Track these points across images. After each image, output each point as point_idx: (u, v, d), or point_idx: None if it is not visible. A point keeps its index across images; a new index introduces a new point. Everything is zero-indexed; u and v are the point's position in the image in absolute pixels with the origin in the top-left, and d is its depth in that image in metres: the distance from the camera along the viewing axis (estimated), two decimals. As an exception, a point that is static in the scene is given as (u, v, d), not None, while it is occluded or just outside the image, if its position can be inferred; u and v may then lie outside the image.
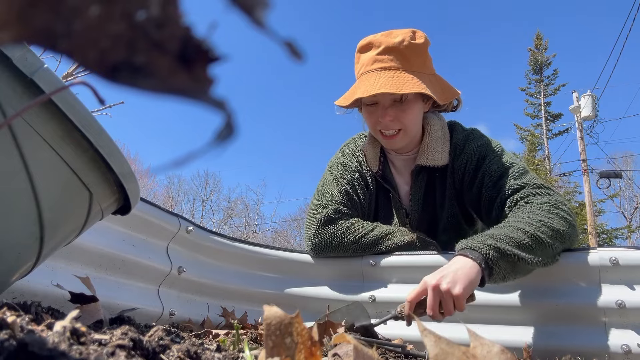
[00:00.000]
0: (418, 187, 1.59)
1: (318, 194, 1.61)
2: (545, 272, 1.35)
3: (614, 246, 1.33)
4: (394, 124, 1.48)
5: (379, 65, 1.44)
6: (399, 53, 1.43)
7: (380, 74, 1.42)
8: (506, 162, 1.45)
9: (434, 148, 1.54)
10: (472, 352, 0.37)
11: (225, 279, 1.50)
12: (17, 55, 0.50)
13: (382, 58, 1.44)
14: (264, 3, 0.18)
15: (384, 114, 1.47)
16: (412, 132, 1.53)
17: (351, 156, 1.69)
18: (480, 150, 1.50)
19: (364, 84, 1.43)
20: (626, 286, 1.25)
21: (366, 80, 1.43)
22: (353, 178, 1.63)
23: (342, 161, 1.68)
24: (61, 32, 0.18)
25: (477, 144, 1.52)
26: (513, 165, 1.43)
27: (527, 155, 16.90)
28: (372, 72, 1.44)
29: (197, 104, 0.19)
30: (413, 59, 1.44)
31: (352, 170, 1.64)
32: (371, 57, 1.46)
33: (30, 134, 0.52)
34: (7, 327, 0.37)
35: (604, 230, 15.26)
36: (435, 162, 1.54)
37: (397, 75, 1.41)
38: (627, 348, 1.19)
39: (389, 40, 1.44)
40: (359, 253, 1.51)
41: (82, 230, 0.66)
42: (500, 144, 1.53)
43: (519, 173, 1.41)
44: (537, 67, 17.61)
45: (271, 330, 0.39)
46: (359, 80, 1.49)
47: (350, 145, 1.74)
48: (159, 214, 1.29)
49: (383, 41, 1.44)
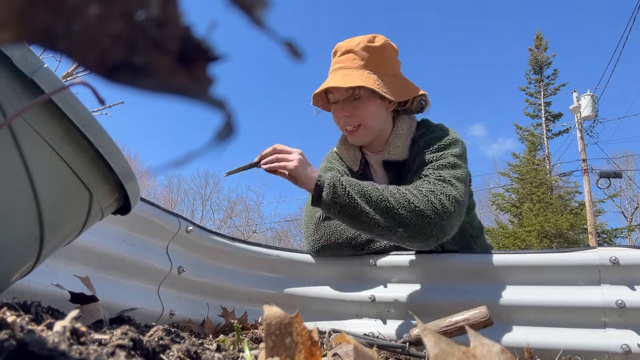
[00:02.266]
0: (390, 182, 1.62)
1: None
2: (545, 272, 1.35)
3: (614, 246, 1.33)
4: (352, 119, 1.56)
5: (337, 65, 1.56)
6: (355, 54, 1.54)
7: (337, 73, 1.53)
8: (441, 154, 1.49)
9: (396, 144, 1.61)
10: (472, 352, 0.37)
11: (225, 279, 1.50)
12: (17, 55, 0.50)
13: (341, 59, 1.56)
14: (264, 2, 0.18)
15: (339, 109, 1.57)
16: (373, 127, 1.59)
17: (335, 161, 1.76)
18: (427, 141, 1.55)
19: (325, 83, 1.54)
20: (626, 286, 1.25)
21: (328, 79, 1.55)
22: None
23: (330, 166, 1.74)
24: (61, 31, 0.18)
25: (430, 137, 1.56)
26: (442, 158, 1.48)
27: (527, 155, 16.88)
28: (332, 72, 1.56)
29: (196, 103, 0.19)
30: (369, 59, 1.53)
31: (341, 172, 1.69)
32: (334, 60, 1.59)
33: (30, 134, 0.52)
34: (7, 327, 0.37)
35: (604, 230, 15.25)
36: (396, 156, 1.60)
37: (348, 73, 1.51)
38: (627, 348, 1.19)
39: (349, 43, 1.57)
40: (357, 250, 1.52)
41: (82, 230, 0.66)
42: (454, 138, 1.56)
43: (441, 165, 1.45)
44: (537, 67, 17.59)
45: (271, 330, 0.39)
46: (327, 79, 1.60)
47: (331, 154, 1.82)
48: (159, 214, 1.29)
49: (343, 45, 1.57)
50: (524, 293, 1.34)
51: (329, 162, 1.78)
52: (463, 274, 1.43)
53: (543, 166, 16.76)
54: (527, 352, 1.09)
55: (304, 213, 1.63)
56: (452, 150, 1.51)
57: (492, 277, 1.40)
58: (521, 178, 16.32)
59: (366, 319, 1.49)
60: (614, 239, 15.18)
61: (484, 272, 1.41)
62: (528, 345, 1.21)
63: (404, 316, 1.44)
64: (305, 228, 1.59)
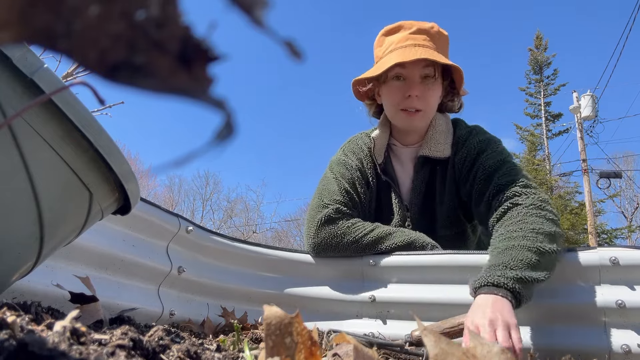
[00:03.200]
0: (420, 179, 1.61)
1: (318, 192, 1.61)
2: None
3: (614, 246, 1.33)
4: (419, 102, 1.49)
5: (412, 42, 1.46)
6: (432, 36, 1.48)
7: (415, 48, 1.44)
8: (501, 159, 1.48)
9: (438, 140, 1.57)
10: (472, 352, 0.37)
11: (225, 279, 1.50)
12: (17, 55, 0.50)
13: (415, 37, 1.47)
14: (264, 2, 0.18)
15: (412, 87, 1.48)
16: (430, 116, 1.55)
17: (352, 154, 1.69)
18: (480, 145, 1.53)
19: (397, 55, 1.44)
20: (626, 286, 1.25)
21: (400, 53, 1.44)
22: (354, 177, 1.62)
23: (343, 160, 1.68)
24: (61, 31, 0.18)
25: (479, 139, 1.54)
26: (506, 163, 1.46)
27: (527, 155, 16.88)
28: (406, 47, 1.46)
29: (196, 103, 0.19)
30: (441, 46, 1.49)
31: (353, 168, 1.64)
32: (404, 36, 1.48)
33: (30, 134, 0.52)
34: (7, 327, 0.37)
35: (604, 230, 15.25)
36: (438, 153, 1.56)
37: (432, 52, 1.44)
38: (627, 348, 1.19)
39: (421, 24, 1.49)
40: (359, 253, 1.51)
41: (82, 230, 0.66)
42: (500, 142, 1.56)
43: (510, 170, 1.44)
44: (537, 67, 17.59)
45: (271, 330, 0.39)
46: (389, 56, 1.50)
47: (351, 144, 1.74)
48: (159, 214, 1.29)
49: (415, 24, 1.49)
50: (524, 293, 1.34)
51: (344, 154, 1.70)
52: (463, 274, 1.43)
53: (543, 166, 16.77)
54: (532, 357, 1.09)
55: (307, 214, 1.62)
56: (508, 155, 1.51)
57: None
58: (521, 178, 16.27)
59: (366, 319, 1.49)
60: (614, 239, 15.18)
61: (484, 272, 1.41)
62: (531, 351, 1.20)
63: (404, 316, 1.44)
64: (306, 230, 1.58)
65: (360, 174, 1.64)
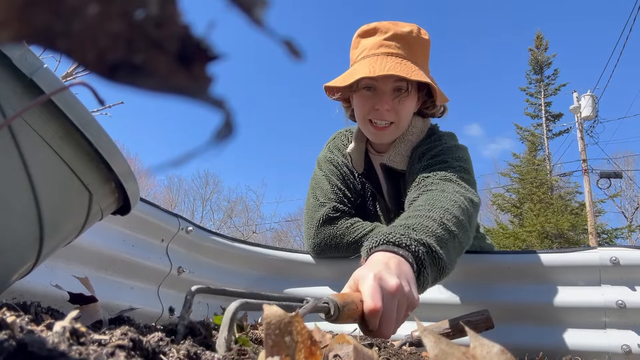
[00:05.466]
0: (390, 187, 1.56)
1: (312, 191, 1.61)
2: (545, 273, 1.35)
3: (615, 246, 1.33)
4: (390, 114, 1.40)
5: (385, 50, 1.36)
6: (407, 43, 1.37)
7: (387, 59, 1.34)
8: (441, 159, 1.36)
9: (399, 151, 1.49)
10: (471, 353, 0.37)
11: (225, 279, 1.50)
12: (17, 56, 0.50)
13: (389, 44, 1.37)
14: (263, 2, 0.18)
15: (382, 101, 1.38)
16: (402, 128, 1.46)
17: (337, 151, 1.66)
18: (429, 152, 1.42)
19: (367, 66, 1.35)
20: (626, 286, 1.25)
21: (371, 63, 1.35)
22: (342, 173, 1.61)
23: (329, 157, 1.65)
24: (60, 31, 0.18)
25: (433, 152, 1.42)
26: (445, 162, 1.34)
27: (528, 155, 16.89)
28: (378, 55, 1.36)
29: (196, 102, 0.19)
30: (418, 53, 1.39)
31: (340, 165, 1.62)
32: (377, 42, 1.38)
33: (30, 134, 0.52)
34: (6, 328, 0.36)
35: (604, 230, 15.25)
36: (395, 164, 1.50)
37: (405, 63, 1.34)
38: (627, 348, 1.19)
39: (397, 28, 1.38)
40: (359, 253, 1.51)
41: (81, 230, 0.66)
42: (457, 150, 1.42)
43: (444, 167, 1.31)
44: (537, 67, 17.60)
45: (271, 329, 0.39)
46: (360, 63, 1.40)
47: (335, 141, 1.70)
48: (158, 214, 1.29)
49: (391, 28, 1.38)
50: (524, 294, 1.34)
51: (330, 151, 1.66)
52: (463, 274, 1.43)
53: (543, 166, 16.77)
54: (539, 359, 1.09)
55: (304, 215, 1.62)
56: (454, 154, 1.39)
57: (492, 278, 1.40)
58: (522, 178, 16.32)
59: (366, 319, 1.49)
60: (615, 239, 15.18)
61: (484, 272, 1.41)
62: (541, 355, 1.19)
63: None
64: (306, 230, 1.58)
65: (348, 170, 1.63)
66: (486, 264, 1.41)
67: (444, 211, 1.08)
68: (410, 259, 0.89)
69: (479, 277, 1.41)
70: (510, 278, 1.39)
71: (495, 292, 1.37)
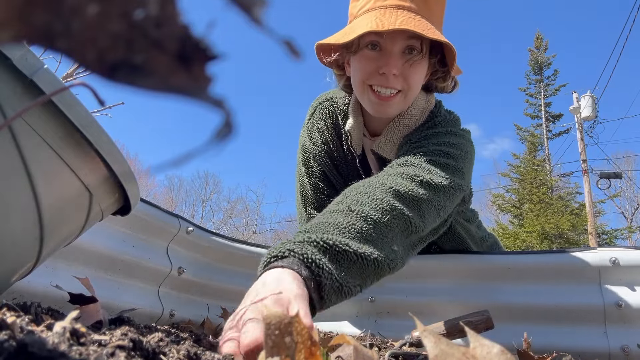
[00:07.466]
0: None
1: (297, 188, 1.54)
2: (545, 273, 1.35)
3: (614, 246, 1.33)
4: (397, 81, 1.15)
5: (395, 1, 1.11)
6: None
7: (398, 12, 1.09)
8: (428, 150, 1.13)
9: (390, 137, 1.27)
10: (471, 353, 0.37)
11: (225, 279, 1.50)
12: (17, 56, 0.50)
13: None
14: (262, 1, 0.18)
15: (389, 63, 1.13)
16: (410, 99, 1.21)
17: (318, 133, 1.43)
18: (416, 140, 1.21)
19: (372, 19, 1.09)
20: (626, 286, 1.25)
21: (377, 16, 1.09)
22: (323, 163, 1.44)
23: (309, 147, 1.45)
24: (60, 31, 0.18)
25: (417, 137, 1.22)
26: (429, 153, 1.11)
27: (528, 156, 16.89)
28: (386, 8, 1.11)
29: (195, 102, 0.19)
30: (434, 9, 1.15)
31: (322, 154, 1.43)
32: None
33: (30, 135, 0.52)
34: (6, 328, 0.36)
35: (604, 231, 15.25)
36: (384, 152, 1.30)
37: (419, 19, 1.09)
38: (627, 348, 1.19)
39: None
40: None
41: (82, 230, 0.66)
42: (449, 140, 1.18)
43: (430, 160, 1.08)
44: (537, 68, 17.61)
45: (271, 329, 0.39)
46: (363, 17, 1.14)
47: (315, 119, 1.44)
48: (159, 215, 1.29)
49: None
50: (524, 294, 1.34)
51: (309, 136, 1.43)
52: (463, 274, 1.43)
53: (543, 167, 16.78)
54: (526, 343, 1.08)
55: (296, 209, 1.59)
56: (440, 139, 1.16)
57: (492, 278, 1.40)
58: (521, 178, 16.33)
59: (366, 319, 1.49)
60: (614, 240, 15.18)
61: (484, 272, 1.41)
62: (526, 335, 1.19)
63: (404, 317, 1.44)
64: (298, 220, 1.57)
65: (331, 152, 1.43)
66: (486, 264, 1.41)
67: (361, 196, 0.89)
68: (295, 266, 0.74)
69: (479, 277, 1.41)
70: (510, 278, 1.39)
71: (495, 292, 1.37)
